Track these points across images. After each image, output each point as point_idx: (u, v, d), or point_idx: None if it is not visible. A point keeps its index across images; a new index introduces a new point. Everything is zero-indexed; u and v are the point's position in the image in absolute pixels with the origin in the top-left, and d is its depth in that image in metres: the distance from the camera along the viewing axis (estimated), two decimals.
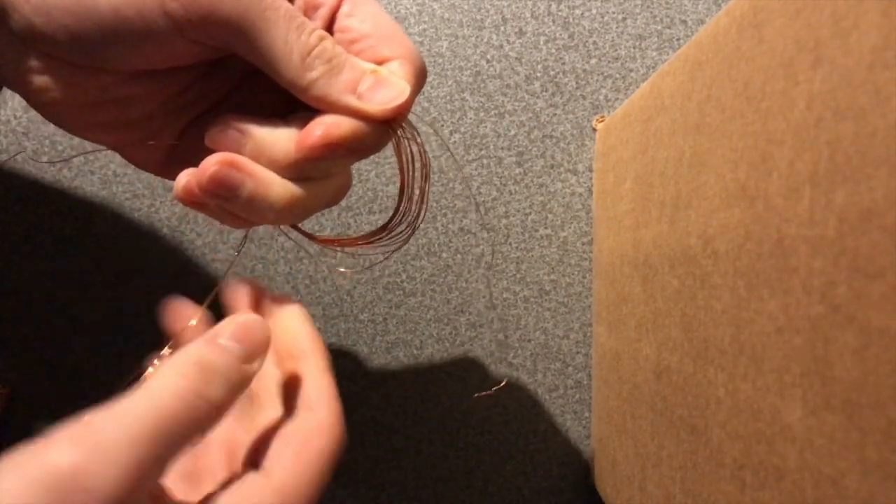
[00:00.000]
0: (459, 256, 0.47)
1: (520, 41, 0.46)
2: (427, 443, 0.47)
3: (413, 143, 0.23)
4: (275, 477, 0.19)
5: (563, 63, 0.47)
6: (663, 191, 0.31)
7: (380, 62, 0.22)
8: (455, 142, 0.46)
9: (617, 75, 0.47)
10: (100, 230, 0.45)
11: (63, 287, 0.45)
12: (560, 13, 0.47)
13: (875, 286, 0.16)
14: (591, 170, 0.47)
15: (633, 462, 0.36)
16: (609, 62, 0.47)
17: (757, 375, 0.21)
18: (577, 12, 0.47)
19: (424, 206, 0.24)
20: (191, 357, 0.18)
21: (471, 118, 0.46)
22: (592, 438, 0.47)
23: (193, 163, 0.22)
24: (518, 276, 0.47)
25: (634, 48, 0.47)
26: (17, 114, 0.44)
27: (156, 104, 0.23)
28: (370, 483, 0.47)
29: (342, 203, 0.46)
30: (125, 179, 0.45)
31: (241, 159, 0.21)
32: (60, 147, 0.44)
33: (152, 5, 0.19)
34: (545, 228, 0.47)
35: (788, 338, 0.19)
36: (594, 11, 0.47)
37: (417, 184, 0.24)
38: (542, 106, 0.47)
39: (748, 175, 0.22)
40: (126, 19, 0.19)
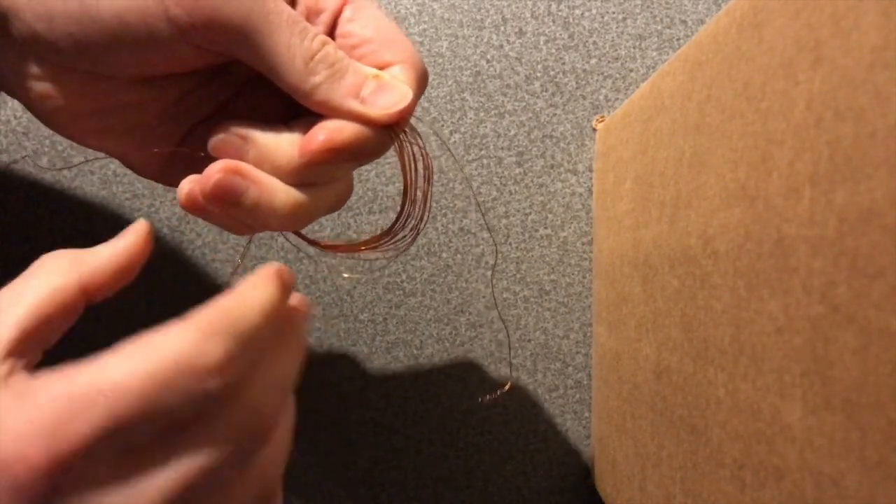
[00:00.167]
0: (459, 256, 0.47)
1: (520, 41, 0.46)
2: (427, 443, 0.47)
3: (415, 147, 0.23)
4: (85, 367, 0.17)
5: (563, 63, 0.47)
6: (663, 191, 0.31)
7: (381, 67, 0.22)
8: (455, 142, 0.46)
9: (617, 75, 0.47)
10: (100, 230, 0.45)
11: None
12: (560, 13, 0.47)
13: (875, 286, 0.16)
14: (591, 170, 0.47)
15: (633, 462, 0.36)
16: (609, 62, 0.47)
17: (757, 375, 0.21)
18: (577, 12, 0.47)
19: (427, 210, 0.24)
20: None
21: (471, 118, 0.46)
22: (592, 438, 0.47)
23: (194, 169, 0.22)
24: (518, 276, 0.47)
25: (634, 48, 0.47)
26: (17, 114, 0.44)
27: (156, 111, 0.23)
28: (370, 483, 0.47)
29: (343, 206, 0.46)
30: (125, 180, 0.45)
31: (245, 166, 0.21)
32: (60, 147, 0.44)
33: (155, 11, 0.19)
34: (545, 228, 0.47)
35: (788, 338, 0.19)
36: (594, 11, 0.47)
37: (420, 187, 0.24)
38: (542, 106, 0.47)
39: (748, 175, 0.22)
40: (129, 25, 0.19)
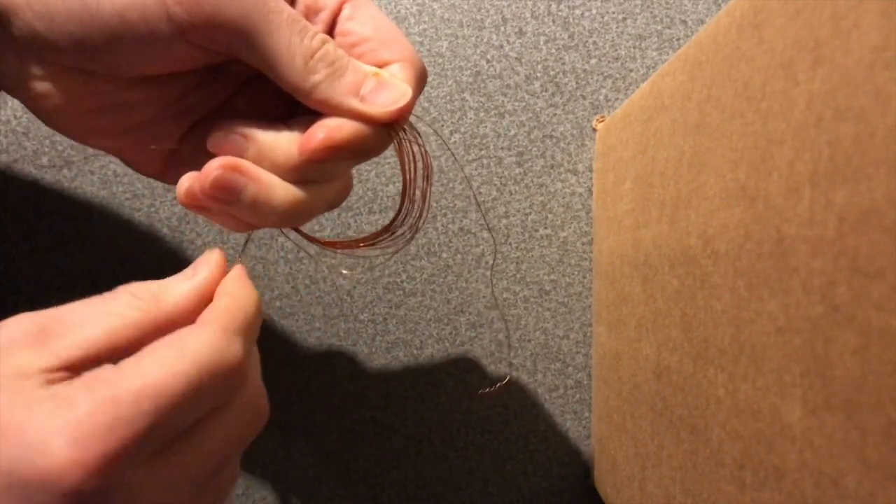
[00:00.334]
0: (459, 256, 0.47)
1: (520, 41, 0.46)
2: (427, 443, 0.47)
3: (415, 145, 0.23)
4: (124, 369, 0.18)
5: (563, 63, 0.47)
6: (663, 191, 0.31)
7: (381, 65, 0.22)
8: (455, 142, 0.46)
9: (617, 75, 0.47)
10: (100, 230, 0.45)
11: (63, 287, 0.45)
12: (560, 13, 0.47)
13: (875, 286, 0.16)
14: (591, 170, 0.47)
15: (633, 462, 0.36)
16: (609, 62, 0.47)
17: (757, 375, 0.21)
18: (577, 12, 0.47)
19: (426, 208, 0.25)
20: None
21: (471, 118, 0.46)
22: (592, 438, 0.47)
23: (195, 167, 0.22)
24: (518, 276, 0.47)
25: (634, 48, 0.47)
26: (17, 114, 0.44)
27: (157, 109, 0.23)
28: (370, 483, 0.47)
29: (343, 203, 0.46)
30: (125, 180, 0.45)
31: (244, 163, 0.21)
32: (60, 147, 0.44)
33: (156, 10, 0.19)
34: (545, 228, 0.47)
35: (788, 338, 0.19)
36: (594, 11, 0.47)
37: (419, 185, 0.24)
38: (542, 106, 0.47)
39: (748, 175, 0.22)
40: (130, 24, 0.19)
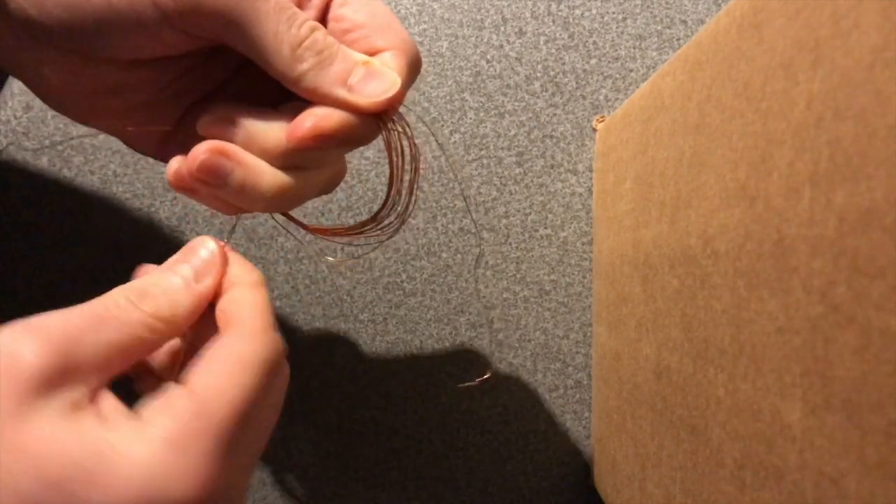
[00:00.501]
0: (459, 256, 0.47)
1: (520, 41, 0.46)
2: (427, 443, 0.47)
3: (403, 136, 0.23)
4: (193, 385, 0.18)
5: (563, 63, 0.47)
6: (663, 191, 0.31)
7: (373, 53, 0.22)
8: (455, 142, 0.46)
9: (617, 75, 0.47)
10: (100, 230, 0.45)
11: (63, 287, 0.45)
12: (560, 13, 0.47)
13: (875, 286, 0.16)
14: (591, 170, 0.47)
15: (633, 462, 0.36)
16: (609, 62, 0.47)
17: (757, 375, 0.21)
18: (577, 12, 0.47)
19: (413, 199, 0.24)
20: (137, 284, 0.20)
21: (471, 118, 0.46)
22: (592, 438, 0.47)
23: (191, 148, 0.22)
24: (518, 276, 0.47)
25: (634, 48, 0.47)
26: (17, 114, 0.44)
27: (154, 91, 0.23)
28: (370, 483, 0.47)
29: (343, 202, 0.46)
30: (125, 180, 0.45)
31: (231, 147, 0.21)
32: (60, 148, 0.44)
33: None
34: (545, 228, 0.47)
35: (788, 338, 0.19)
36: (594, 11, 0.47)
37: (407, 175, 0.24)
38: (542, 106, 0.47)
39: (748, 175, 0.22)
40: (117, 10, 0.19)
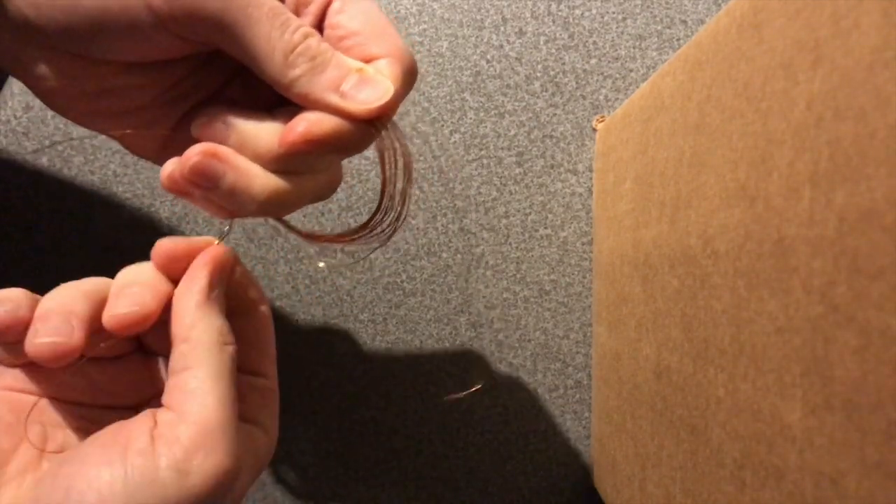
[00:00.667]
0: (459, 256, 0.47)
1: (520, 41, 0.46)
2: (427, 443, 0.47)
3: (396, 143, 0.23)
4: (184, 413, 0.19)
5: (563, 63, 0.47)
6: (663, 191, 0.31)
7: (368, 60, 0.22)
8: (455, 142, 0.46)
9: (617, 75, 0.47)
10: (100, 230, 0.45)
11: None
12: (560, 13, 0.47)
13: (875, 286, 0.16)
14: (591, 170, 0.47)
15: (633, 462, 0.36)
16: (609, 62, 0.47)
17: (757, 375, 0.21)
18: (577, 12, 0.47)
19: (406, 206, 0.24)
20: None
21: (471, 118, 0.46)
22: (592, 438, 0.47)
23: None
24: (518, 276, 0.47)
25: (634, 48, 0.47)
26: (17, 114, 0.44)
27: (152, 94, 0.23)
28: (370, 483, 0.47)
29: (343, 202, 0.46)
30: (125, 179, 0.45)
31: (224, 150, 0.21)
32: (60, 148, 0.44)
33: (137, 1, 0.19)
34: (545, 228, 0.47)
35: (788, 338, 0.19)
36: (594, 11, 0.47)
37: (400, 183, 0.24)
38: (542, 106, 0.47)
39: (748, 175, 0.22)
40: (112, 14, 0.20)
